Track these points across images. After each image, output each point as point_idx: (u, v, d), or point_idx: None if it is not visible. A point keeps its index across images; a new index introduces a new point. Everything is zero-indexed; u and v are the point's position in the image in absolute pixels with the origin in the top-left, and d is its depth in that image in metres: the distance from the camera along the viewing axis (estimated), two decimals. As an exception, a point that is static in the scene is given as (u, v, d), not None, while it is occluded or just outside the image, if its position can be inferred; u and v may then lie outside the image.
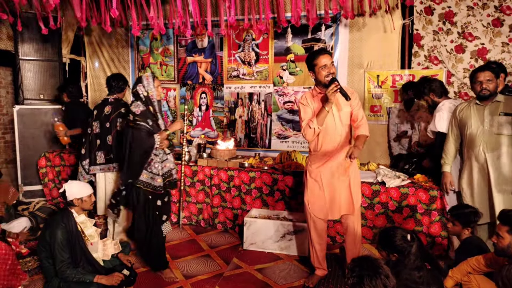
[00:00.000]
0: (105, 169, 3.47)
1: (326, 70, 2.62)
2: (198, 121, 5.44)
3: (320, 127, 2.62)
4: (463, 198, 3.01)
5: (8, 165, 5.39)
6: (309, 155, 2.87)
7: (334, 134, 2.71)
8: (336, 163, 2.73)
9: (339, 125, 2.71)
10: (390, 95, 4.59)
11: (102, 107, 3.45)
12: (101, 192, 3.52)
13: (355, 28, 4.61)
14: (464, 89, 4.37)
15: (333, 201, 2.76)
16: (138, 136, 2.77)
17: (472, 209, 2.57)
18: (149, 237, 2.89)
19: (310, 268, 3.05)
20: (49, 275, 2.60)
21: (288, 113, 4.97)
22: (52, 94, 4.97)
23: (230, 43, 5.11)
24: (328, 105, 2.57)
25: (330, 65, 2.64)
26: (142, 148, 2.78)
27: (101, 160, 3.46)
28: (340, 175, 2.74)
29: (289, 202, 3.73)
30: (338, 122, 2.70)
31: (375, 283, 1.58)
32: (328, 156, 2.73)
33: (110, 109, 3.41)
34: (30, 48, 4.81)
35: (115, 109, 3.40)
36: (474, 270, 2.34)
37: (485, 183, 2.87)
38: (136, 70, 5.61)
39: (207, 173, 3.97)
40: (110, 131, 3.40)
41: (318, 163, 2.76)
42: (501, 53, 4.19)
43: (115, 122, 3.37)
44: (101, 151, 3.45)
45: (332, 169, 2.74)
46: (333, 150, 2.72)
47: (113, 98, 3.49)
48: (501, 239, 2.07)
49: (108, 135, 3.41)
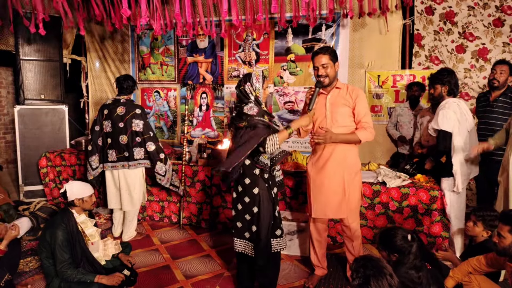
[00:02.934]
0: (118, 166, 3.59)
1: (315, 73, 2.63)
2: (198, 121, 5.44)
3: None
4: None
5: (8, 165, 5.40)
6: (310, 155, 2.88)
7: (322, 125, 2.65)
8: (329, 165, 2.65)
9: (330, 125, 2.61)
10: (391, 95, 4.59)
11: (114, 107, 3.55)
12: (111, 188, 3.66)
13: (356, 28, 4.61)
14: (465, 89, 4.36)
15: (329, 200, 2.70)
16: (256, 132, 2.42)
17: (497, 213, 2.50)
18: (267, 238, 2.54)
19: (310, 268, 3.05)
20: (50, 275, 2.60)
21: (288, 113, 4.97)
22: (53, 94, 4.98)
23: (231, 43, 5.11)
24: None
25: (321, 67, 2.56)
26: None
27: (113, 158, 3.58)
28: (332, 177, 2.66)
29: (290, 202, 3.73)
30: (330, 122, 2.63)
31: (381, 283, 1.58)
32: (320, 156, 2.69)
33: (123, 110, 3.52)
34: (30, 48, 4.81)
35: (129, 110, 3.53)
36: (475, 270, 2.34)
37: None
38: (137, 70, 5.62)
39: (207, 173, 3.97)
40: (124, 131, 3.52)
41: (313, 162, 2.75)
42: (502, 53, 4.19)
43: (130, 123, 3.50)
44: (112, 149, 3.57)
45: (324, 169, 2.67)
46: (324, 151, 2.66)
47: (125, 99, 3.61)
48: (502, 239, 2.06)
49: (121, 135, 3.52)
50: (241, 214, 2.54)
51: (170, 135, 5.62)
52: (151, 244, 3.62)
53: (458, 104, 3.07)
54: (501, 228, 2.09)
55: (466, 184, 3.20)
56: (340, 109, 2.62)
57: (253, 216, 2.50)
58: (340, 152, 2.64)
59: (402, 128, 4.35)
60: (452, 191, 3.11)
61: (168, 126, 5.62)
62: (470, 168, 3.13)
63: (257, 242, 2.50)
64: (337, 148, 2.63)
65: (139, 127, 3.50)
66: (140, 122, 3.51)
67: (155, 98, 5.63)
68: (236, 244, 2.61)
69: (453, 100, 3.12)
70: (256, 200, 2.48)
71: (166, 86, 5.53)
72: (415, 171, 3.58)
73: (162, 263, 3.24)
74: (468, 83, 4.34)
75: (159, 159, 3.58)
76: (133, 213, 3.74)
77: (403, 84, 4.48)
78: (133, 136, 3.50)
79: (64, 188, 2.68)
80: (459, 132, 3.01)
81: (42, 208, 3.92)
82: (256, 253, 2.51)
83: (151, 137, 3.57)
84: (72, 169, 4.47)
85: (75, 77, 5.81)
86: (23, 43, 4.76)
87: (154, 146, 3.56)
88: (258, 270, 2.57)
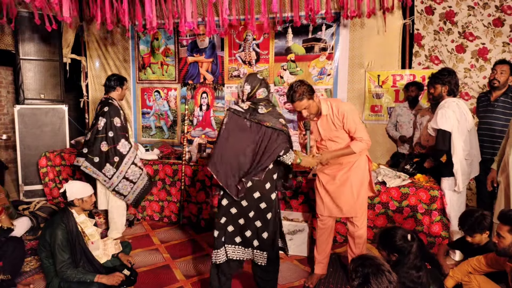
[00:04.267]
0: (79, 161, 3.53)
1: (299, 115, 2.68)
2: (198, 121, 5.44)
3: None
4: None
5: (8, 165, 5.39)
6: None
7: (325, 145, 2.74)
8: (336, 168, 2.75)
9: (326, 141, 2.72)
10: (390, 95, 4.59)
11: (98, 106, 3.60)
12: (101, 187, 3.56)
13: (356, 28, 4.60)
14: (464, 89, 4.36)
15: (334, 201, 2.77)
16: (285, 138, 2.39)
17: (477, 212, 2.51)
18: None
19: (310, 267, 3.05)
20: (50, 275, 2.60)
21: (288, 113, 4.97)
22: (53, 94, 4.98)
23: (231, 43, 5.11)
24: (303, 162, 2.50)
25: (304, 111, 2.54)
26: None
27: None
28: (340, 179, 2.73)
29: (289, 202, 3.73)
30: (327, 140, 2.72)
31: (381, 280, 1.58)
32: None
33: (99, 108, 3.53)
34: (30, 48, 4.81)
35: (102, 107, 3.49)
36: (475, 270, 2.34)
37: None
38: (137, 70, 5.62)
39: (207, 173, 3.97)
40: (91, 127, 3.50)
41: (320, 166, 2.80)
42: (502, 53, 4.18)
43: (97, 120, 3.47)
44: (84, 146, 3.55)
45: (329, 171, 2.77)
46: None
47: (104, 97, 3.59)
48: (502, 239, 2.06)
49: (89, 132, 3.52)
50: (252, 221, 2.37)
51: (170, 134, 5.62)
52: (151, 244, 3.62)
53: (457, 103, 3.07)
54: (500, 228, 2.09)
55: (467, 184, 3.20)
56: (332, 132, 2.68)
57: (265, 222, 2.37)
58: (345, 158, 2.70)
59: (402, 128, 4.35)
60: (453, 191, 3.11)
61: (168, 125, 5.62)
62: (470, 167, 3.13)
63: (272, 248, 2.40)
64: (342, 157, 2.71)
65: (100, 126, 3.43)
66: (103, 120, 3.41)
67: (155, 98, 5.63)
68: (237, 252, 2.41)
69: (452, 100, 3.11)
70: (273, 206, 2.39)
71: (167, 86, 5.53)
72: (415, 171, 3.58)
73: (162, 262, 3.24)
74: (468, 83, 4.34)
75: (109, 161, 3.42)
76: (114, 213, 3.59)
77: (403, 84, 4.47)
78: (93, 133, 3.44)
79: (63, 188, 2.68)
80: (458, 132, 3.01)
81: (42, 207, 3.92)
82: (270, 261, 2.40)
83: (109, 137, 3.41)
84: (72, 168, 4.47)
85: (75, 76, 5.81)
86: (23, 42, 4.76)
87: (107, 147, 3.41)
88: (268, 278, 2.46)
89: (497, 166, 3.06)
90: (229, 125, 2.36)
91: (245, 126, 2.33)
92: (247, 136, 2.32)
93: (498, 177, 2.98)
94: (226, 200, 2.39)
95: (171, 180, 4.11)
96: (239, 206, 2.37)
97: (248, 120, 2.33)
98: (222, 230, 2.39)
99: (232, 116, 2.36)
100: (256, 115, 2.33)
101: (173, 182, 4.10)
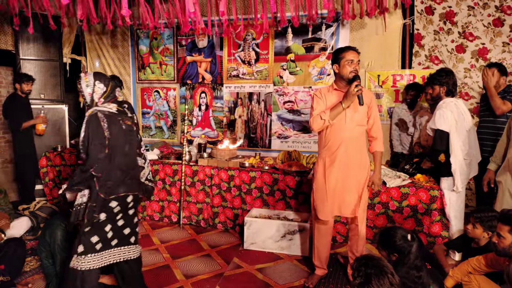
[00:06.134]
0: None
1: (352, 66, 2.61)
2: (198, 121, 5.44)
3: (331, 121, 2.60)
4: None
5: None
6: (318, 154, 2.84)
7: (341, 133, 2.66)
8: (344, 164, 2.68)
9: (349, 125, 2.65)
10: (391, 95, 4.59)
11: None
12: None
13: (356, 28, 4.61)
14: (464, 89, 4.36)
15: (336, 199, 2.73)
16: None
17: (496, 213, 2.49)
18: None
19: (310, 267, 3.05)
20: (50, 275, 2.60)
21: (288, 113, 4.97)
22: (53, 94, 4.98)
23: (230, 43, 5.11)
24: (346, 103, 2.55)
25: (356, 63, 2.62)
26: None
27: None
28: (347, 176, 2.70)
29: (290, 202, 3.73)
30: (349, 122, 2.65)
31: (383, 282, 1.58)
32: (335, 155, 2.69)
33: None
34: (30, 48, 4.81)
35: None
36: (474, 270, 2.34)
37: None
38: (136, 69, 5.62)
39: (207, 173, 3.98)
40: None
41: (327, 161, 2.72)
42: (502, 53, 4.19)
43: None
44: None
45: (340, 169, 2.69)
46: (339, 149, 2.67)
47: None
48: (502, 239, 2.07)
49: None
50: (131, 219, 2.43)
51: (170, 134, 5.62)
52: (151, 244, 3.62)
53: (455, 103, 3.08)
54: (500, 228, 2.09)
55: (466, 184, 3.20)
56: (359, 110, 2.66)
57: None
58: (355, 154, 2.70)
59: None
60: (452, 191, 3.12)
61: (168, 125, 5.62)
62: (469, 167, 3.13)
63: (136, 242, 2.48)
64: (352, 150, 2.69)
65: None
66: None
67: (155, 98, 5.62)
68: (118, 254, 2.37)
69: (450, 100, 3.13)
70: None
71: (166, 86, 5.53)
72: (415, 171, 3.59)
73: (162, 262, 3.24)
74: (468, 83, 4.34)
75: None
76: None
77: (403, 84, 4.47)
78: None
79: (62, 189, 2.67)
80: (456, 132, 3.02)
81: (42, 207, 3.92)
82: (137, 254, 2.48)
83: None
84: (72, 168, 4.47)
85: (75, 76, 5.80)
86: (23, 42, 4.76)
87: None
88: (137, 274, 2.50)
89: (495, 166, 3.07)
90: None
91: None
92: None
93: (497, 177, 2.98)
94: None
95: (171, 180, 4.11)
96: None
97: None
98: None
99: None
100: None
101: (173, 182, 4.10)
